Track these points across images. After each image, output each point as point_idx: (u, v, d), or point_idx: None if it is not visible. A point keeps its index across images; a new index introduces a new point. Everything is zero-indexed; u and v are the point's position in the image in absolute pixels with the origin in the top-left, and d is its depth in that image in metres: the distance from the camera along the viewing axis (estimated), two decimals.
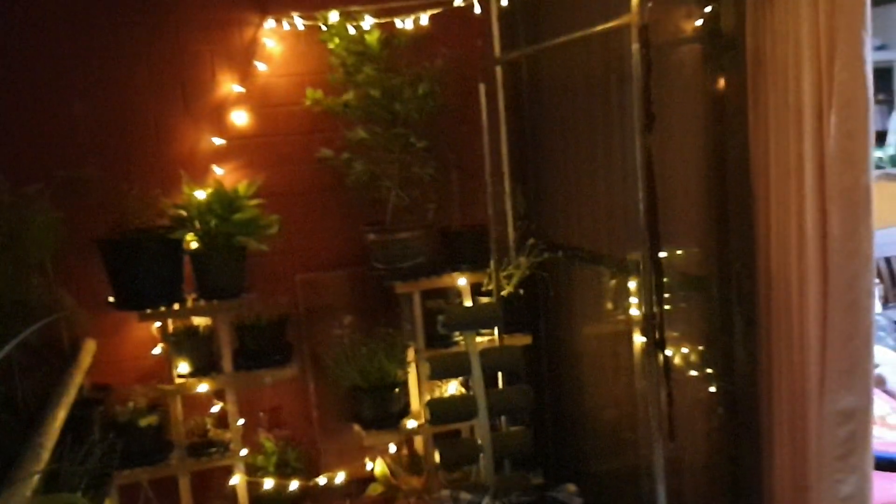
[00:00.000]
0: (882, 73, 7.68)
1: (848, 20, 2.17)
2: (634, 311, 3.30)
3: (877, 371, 3.56)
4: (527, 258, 3.76)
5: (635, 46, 2.33)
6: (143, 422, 3.33)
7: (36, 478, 2.10)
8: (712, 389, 2.76)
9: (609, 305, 3.57)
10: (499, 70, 4.01)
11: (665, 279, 2.57)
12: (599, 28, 2.59)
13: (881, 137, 7.05)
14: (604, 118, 3.36)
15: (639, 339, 3.30)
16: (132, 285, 3.31)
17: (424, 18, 3.52)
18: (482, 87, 3.63)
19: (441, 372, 3.34)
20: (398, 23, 3.57)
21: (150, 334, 3.64)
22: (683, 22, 2.67)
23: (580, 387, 3.84)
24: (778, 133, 2.41)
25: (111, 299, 3.37)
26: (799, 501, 2.52)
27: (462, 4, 3.34)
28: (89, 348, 3.34)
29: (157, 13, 3.61)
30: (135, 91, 3.62)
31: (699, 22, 2.57)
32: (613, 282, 3.48)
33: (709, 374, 2.78)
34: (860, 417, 2.37)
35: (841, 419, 2.37)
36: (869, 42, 2.19)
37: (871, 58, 2.19)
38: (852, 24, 2.16)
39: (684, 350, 2.90)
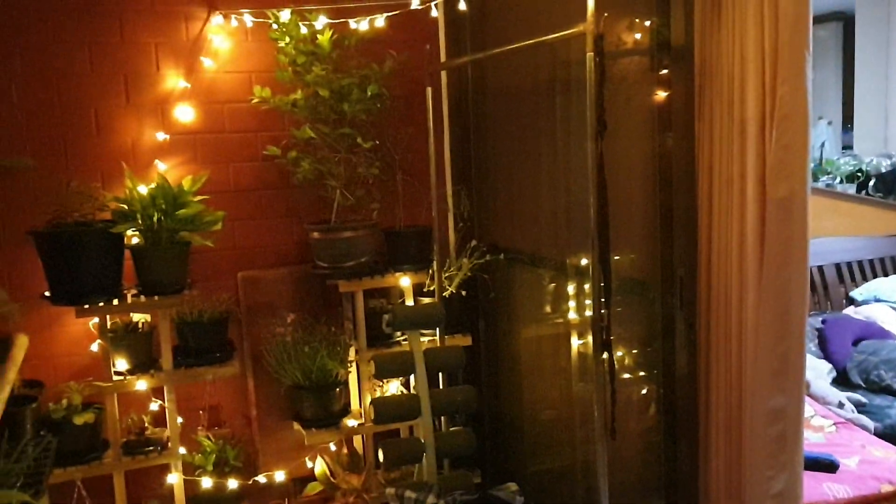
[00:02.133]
0: None
1: (791, 36, 2.27)
2: (573, 315, 3.38)
3: None
4: (469, 260, 3.81)
5: (589, 55, 2.39)
6: (79, 419, 3.25)
7: None
8: (653, 390, 2.85)
9: (548, 308, 3.64)
10: (444, 74, 4.06)
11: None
12: (553, 36, 2.64)
13: None
14: (548, 125, 3.43)
15: (576, 342, 3.38)
16: (70, 279, 3.22)
17: (380, 20, 3.52)
18: (429, 91, 3.66)
19: (386, 371, 3.35)
20: (352, 24, 3.57)
21: (86, 330, 3.56)
22: (634, 33, 2.75)
23: (518, 387, 3.91)
24: (722, 143, 2.51)
25: (47, 293, 3.28)
26: (732, 499, 2.63)
27: (419, 8, 3.35)
28: (22, 343, 3.25)
29: (98, 2, 3.53)
30: (75, 80, 3.53)
31: (649, 34, 2.66)
32: (553, 285, 3.55)
33: (650, 375, 2.87)
34: (791, 417, 2.48)
35: (772, 418, 2.48)
36: (810, 59, 2.30)
37: (811, 74, 2.31)
38: (795, 40, 2.27)
39: (628, 351, 2.99)
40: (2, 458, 2.43)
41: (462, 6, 3.39)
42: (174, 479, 3.48)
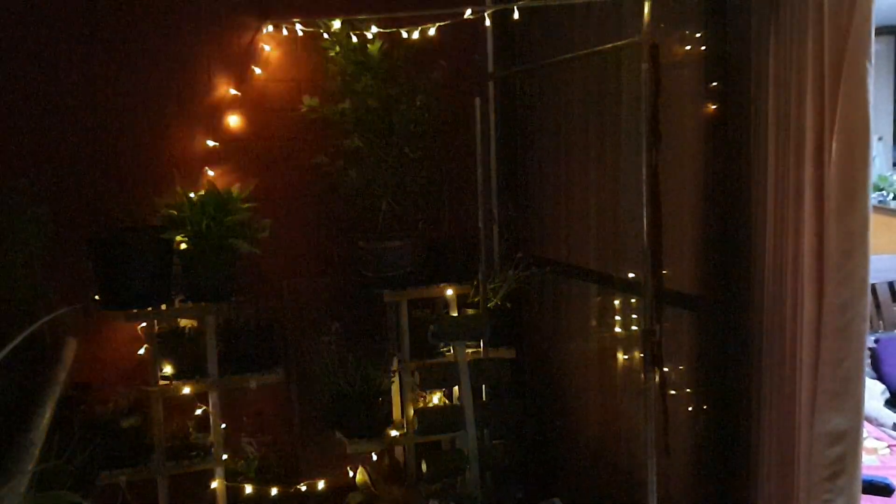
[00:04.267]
0: None
1: (853, 50, 2.21)
2: (619, 329, 3.33)
3: None
4: (514, 272, 3.78)
5: (645, 66, 2.36)
6: (125, 423, 3.28)
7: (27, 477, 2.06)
8: (703, 407, 2.79)
9: (594, 322, 3.60)
10: (491, 85, 4.04)
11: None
12: (608, 46, 2.61)
13: None
14: (597, 136, 3.40)
15: (623, 356, 3.33)
16: (120, 284, 3.26)
17: (431, 30, 3.51)
18: (477, 102, 3.65)
19: (430, 382, 3.34)
20: (403, 34, 3.57)
21: (133, 334, 3.60)
22: (689, 44, 2.71)
23: (562, 401, 3.86)
24: (778, 157, 2.45)
25: (97, 297, 3.32)
26: None
27: (471, 17, 3.33)
28: (72, 346, 3.29)
29: (154, 13, 3.58)
30: (129, 88, 3.58)
31: (703, 45, 2.62)
32: (599, 298, 3.51)
33: (700, 391, 2.81)
34: (850, 439, 2.40)
35: (830, 440, 2.40)
36: (871, 71, 2.24)
37: (873, 87, 2.24)
38: (857, 54, 2.21)
39: (676, 367, 2.93)
40: (52, 460, 2.45)
41: (515, 16, 3.36)
42: (216, 484, 3.49)
